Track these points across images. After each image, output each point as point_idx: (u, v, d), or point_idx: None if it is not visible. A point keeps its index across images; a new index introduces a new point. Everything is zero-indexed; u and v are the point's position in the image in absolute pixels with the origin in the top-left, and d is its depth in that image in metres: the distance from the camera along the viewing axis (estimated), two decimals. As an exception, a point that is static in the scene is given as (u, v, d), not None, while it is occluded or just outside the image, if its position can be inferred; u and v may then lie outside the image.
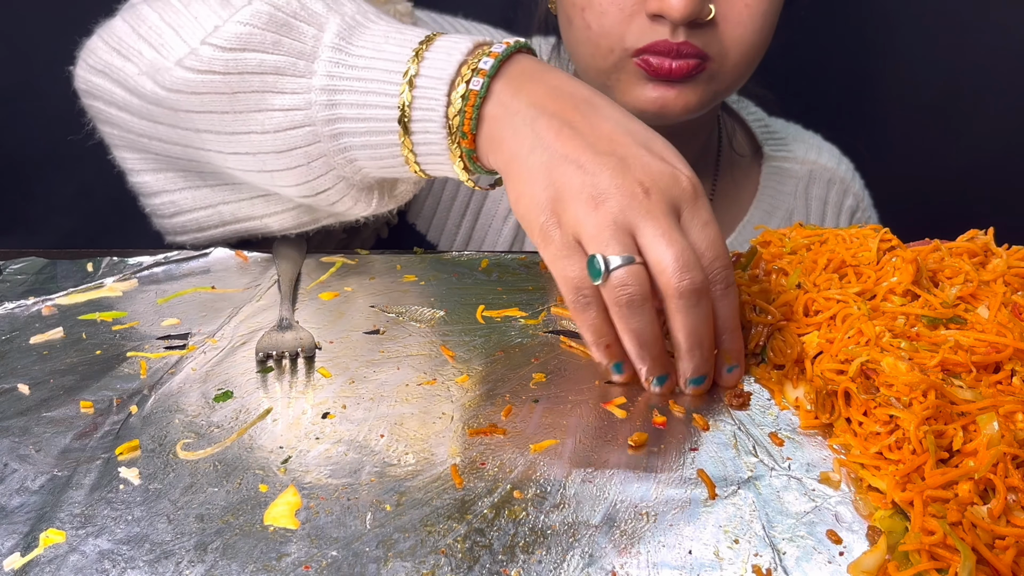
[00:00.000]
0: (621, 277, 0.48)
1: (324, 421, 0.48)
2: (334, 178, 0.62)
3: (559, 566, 0.38)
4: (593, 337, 0.51)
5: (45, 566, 0.38)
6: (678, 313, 0.49)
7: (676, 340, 0.50)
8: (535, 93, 0.55)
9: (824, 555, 0.39)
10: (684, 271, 0.48)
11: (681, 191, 0.51)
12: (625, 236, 0.49)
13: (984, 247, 0.60)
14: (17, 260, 0.67)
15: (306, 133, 0.59)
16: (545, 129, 0.53)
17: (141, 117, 0.64)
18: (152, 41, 0.63)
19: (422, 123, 0.57)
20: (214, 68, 0.59)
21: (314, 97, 0.58)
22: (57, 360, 0.54)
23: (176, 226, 0.71)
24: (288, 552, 0.38)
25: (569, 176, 0.50)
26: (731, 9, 0.73)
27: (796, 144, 1.01)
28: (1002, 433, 0.42)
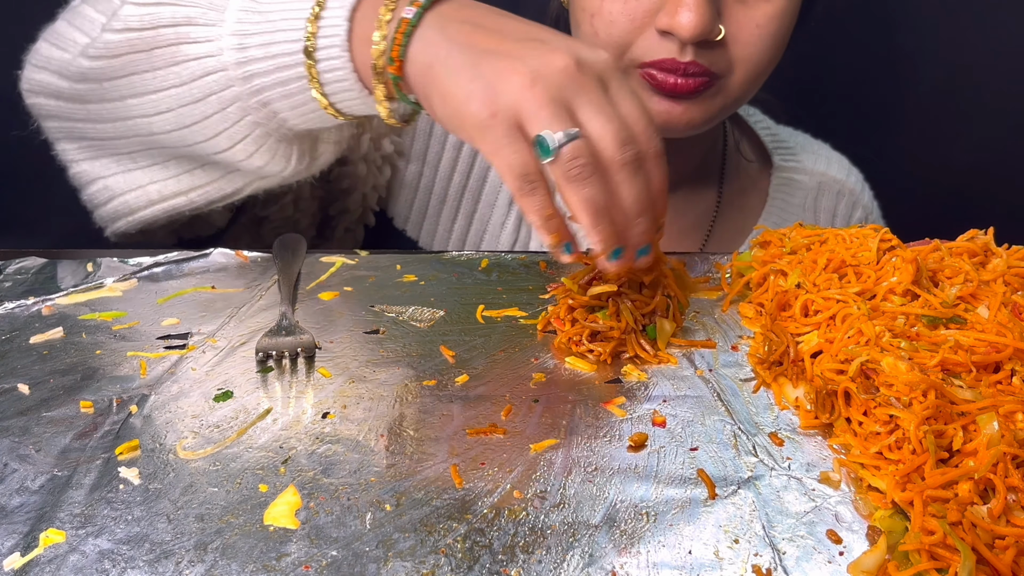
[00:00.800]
0: (571, 151, 0.50)
1: (324, 421, 0.48)
2: (249, 125, 0.63)
3: (559, 566, 0.38)
4: (541, 220, 0.52)
5: (45, 566, 0.38)
6: (624, 182, 0.51)
7: (626, 209, 0.52)
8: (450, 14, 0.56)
9: (824, 555, 0.39)
10: (626, 143, 0.51)
11: (604, 65, 0.53)
12: (565, 112, 0.50)
13: (984, 247, 0.60)
14: (17, 260, 0.67)
15: (219, 78, 0.61)
16: (457, 33, 0.54)
17: (73, 100, 0.67)
18: (83, 27, 0.66)
19: (326, 49, 0.58)
20: (131, 25, 0.62)
21: (224, 43, 0.60)
22: (57, 360, 0.54)
23: (110, 212, 0.73)
24: (288, 552, 0.38)
25: (495, 64, 0.51)
26: (741, 30, 0.73)
27: (805, 155, 1.00)
28: (1002, 433, 0.42)
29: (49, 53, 0.68)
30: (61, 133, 0.71)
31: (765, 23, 0.74)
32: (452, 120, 0.53)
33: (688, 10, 0.68)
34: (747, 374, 0.54)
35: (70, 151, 0.72)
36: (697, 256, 0.72)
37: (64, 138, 0.71)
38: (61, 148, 0.72)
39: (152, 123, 0.65)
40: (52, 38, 0.68)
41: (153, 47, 0.62)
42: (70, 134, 0.71)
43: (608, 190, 0.52)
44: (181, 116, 0.63)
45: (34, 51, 0.69)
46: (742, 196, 0.96)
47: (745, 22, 0.73)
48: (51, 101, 0.69)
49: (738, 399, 0.51)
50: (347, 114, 0.62)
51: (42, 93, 0.69)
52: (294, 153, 0.67)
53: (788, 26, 0.76)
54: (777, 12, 0.74)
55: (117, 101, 0.65)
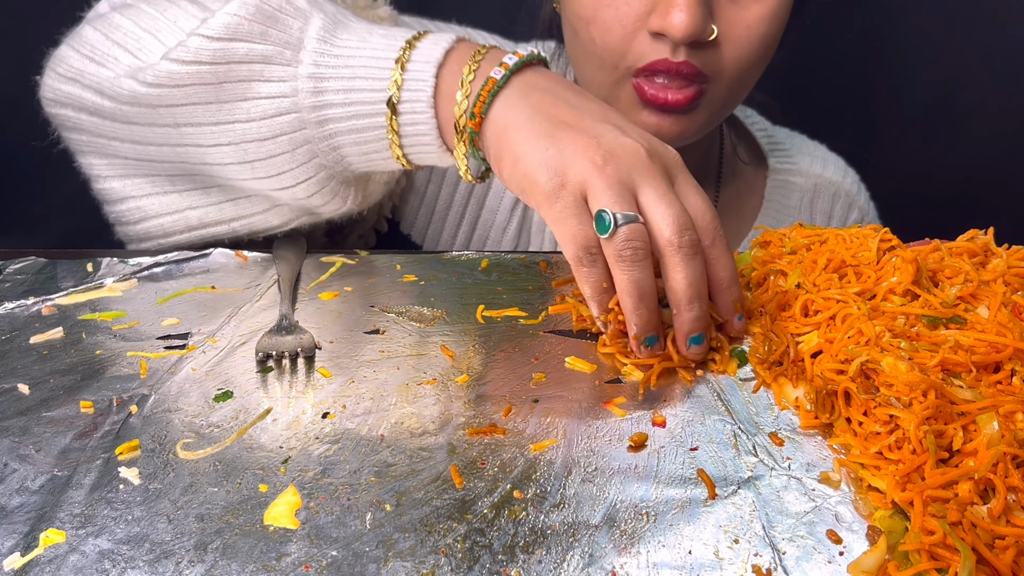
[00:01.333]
0: (627, 232, 0.51)
1: (324, 421, 0.48)
2: (315, 167, 0.63)
3: (559, 566, 0.38)
4: (593, 292, 0.54)
5: (45, 566, 0.38)
6: (677, 267, 0.52)
7: (675, 293, 0.53)
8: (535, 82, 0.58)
9: (824, 555, 0.39)
10: (683, 229, 0.52)
11: (672, 159, 0.56)
12: (629, 195, 0.52)
13: (984, 247, 0.60)
14: (17, 260, 0.67)
15: (292, 120, 0.61)
16: (540, 101, 0.56)
17: (114, 120, 0.65)
18: (129, 46, 0.64)
19: (411, 103, 0.59)
20: (202, 58, 0.60)
21: (301, 84, 0.60)
22: (57, 360, 0.54)
23: (140, 232, 0.71)
24: (288, 552, 0.39)
25: (571, 138, 0.54)
26: (732, 29, 0.73)
27: (801, 156, 1.00)
28: (1002, 433, 0.42)
29: (82, 66, 0.65)
30: (89, 148, 0.69)
31: (756, 24, 0.73)
32: (521, 183, 0.55)
33: (680, 10, 0.68)
34: (747, 374, 0.54)
35: (98, 166, 0.69)
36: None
37: (92, 153, 0.69)
38: (87, 162, 0.70)
39: (207, 153, 0.64)
40: (84, 49, 0.65)
41: (223, 81, 0.61)
42: (101, 150, 0.68)
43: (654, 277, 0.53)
44: (244, 151, 0.63)
45: (59, 59, 0.66)
46: (738, 199, 0.96)
47: (736, 22, 0.73)
48: (82, 115, 0.66)
49: (738, 399, 0.51)
50: (417, 164, 0.63)
51: (71, 106, 0.67)
52: (351, 193, 0.67)
53: (778, 29, 0.76)
54: (768, 13, 0.74)
55: (170, 128, 0.63)
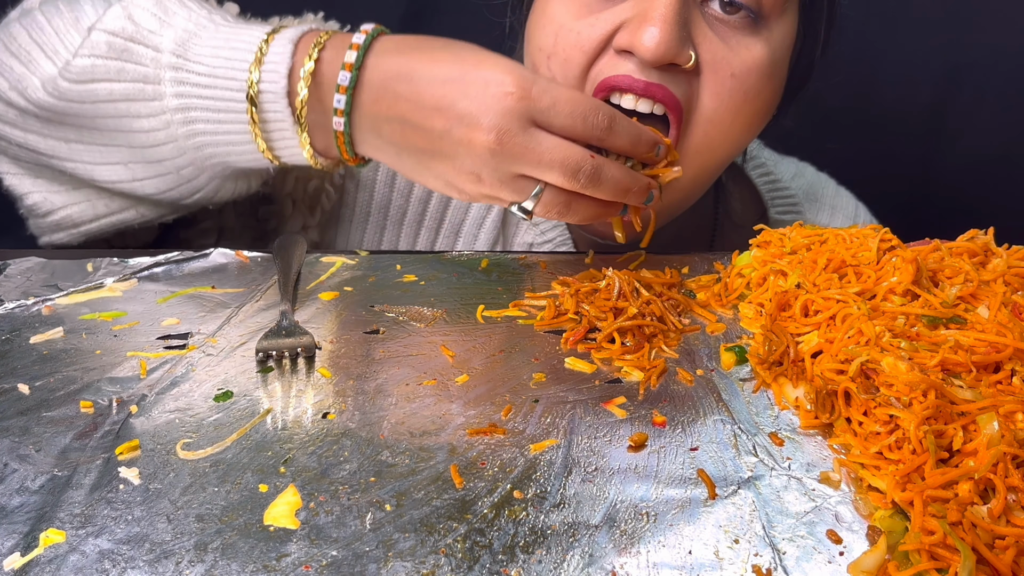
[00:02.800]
0: (543, 207, 0.58)
1: (324, 421, 0.48)
2: (207, 179, 0.67)
3: (559, 566, 0.38)
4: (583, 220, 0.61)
5: (45, 566, 0.38)
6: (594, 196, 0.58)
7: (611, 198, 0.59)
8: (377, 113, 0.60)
9: (824, 555, 0.39)
10: (574, 175, 0.56)
11: (514, 105, 0.54)
12: (519, 181, 0.57)
13: (984, 247, 0.60)
14: (17, 260, 0.67)
15: (171, 148, 0.64)
16: (391, 134, 0.59)
17: (13, 127, 0.66)
18: (21, 57, 0.65)
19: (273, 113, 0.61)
20: (71, 98, 0.63)
21: (170, 117, 0.62)
22: (57, 360, 0.54)
23: (51, 224, 0.72)
24: (288, 552, 0.38)
25: (439, 168, 0.58)
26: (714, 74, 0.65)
27: (807, 205, 0.93)
28: (1002, 433, 0.42)
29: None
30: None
31: (742, 73, 0.65)
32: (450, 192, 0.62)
33: (653, 25, 0.61)
34: (747, 374, 0.54)
35: (3, 163, 0.70)
36: (697, 257, 0.72)
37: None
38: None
39: (95, 171, 0.67)
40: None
41: (96, 116, 0.63)
42: (3, 151, 0.69)
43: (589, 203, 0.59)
44: (132, 171, 0.66)
45: None
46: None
47: (720, 67, 0.65)
48: None
49: (738, 399, 0.51)
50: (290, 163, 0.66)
51: None
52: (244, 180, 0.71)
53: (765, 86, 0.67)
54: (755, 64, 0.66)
55: (61, 143, 0.66)
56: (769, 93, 0.69)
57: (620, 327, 0.57)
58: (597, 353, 0.56)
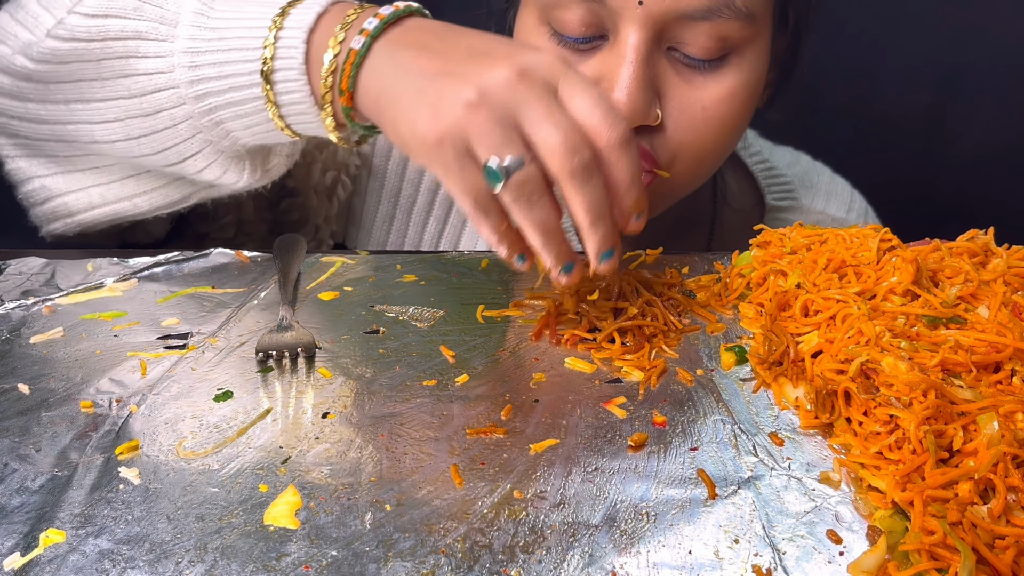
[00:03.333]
0: (519, 178, 0.49)
1: (324, 421, 0.48)
2: (201, 142, 0.62)
3: (559, 566, 0.38)
4: (497, 238, 0.52)
5: (45, 566, 0.38)
6: (573, 192, 0.50)
7: (577, 220, 0.51)
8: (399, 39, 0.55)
9: (824, 555, 0.39)
10: (571, 152, 0.49)
11: (549, 67, 0.51)
12: (511, 131, 0.49)
13: (984, 247, 0.60)
14: (17, 260, 0.67)
15: (171, 95, 0.60)
16: (404, 58, 0.53)
17: (12, 97, 0.65)
18: (27, 22, 0.64)
19: (284, 72, 0.57)
20: (78, 35, 0.60)
21: (177, 60, 0.59)
22: (57, 360, 0.54)
23: (47, 213, 0.71)
24: (288, 552, 0.38)
25: (439, 87, 0.50)
26: (683, 114, 0.65)
27: (803, 191, 0.93)
28: (1002, 433, 0.42)
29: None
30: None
31: (712, 105, 0.65)
32: (403, 146, 0.53)
33: (619, 93, 0.61)
34: (747, 374, 0.54)
35: (5, 146, 0.70)
36: (697, 256, 0.72)
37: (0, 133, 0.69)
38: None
39: (95, 131, 0.64)
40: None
41: (101, 58, 0.61)
42: (3, 129, 0.68)
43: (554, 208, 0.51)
44: (129, 127, 0.63)
45: None
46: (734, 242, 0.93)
47: (688, 104, 0.65)
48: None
49: (738, 399, 0.51)
50: (302, 134, 0.62)
51: None
52: (246, 167, 0.66)
53: (740, 109, 0.67)
54: (726, 94, 0.65)
55: (60, 104, 0.64)
56: (747, 107, 0.69)
57: (620, 327, 0.57)
58: (597, 353, 0.56)
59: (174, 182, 0.68)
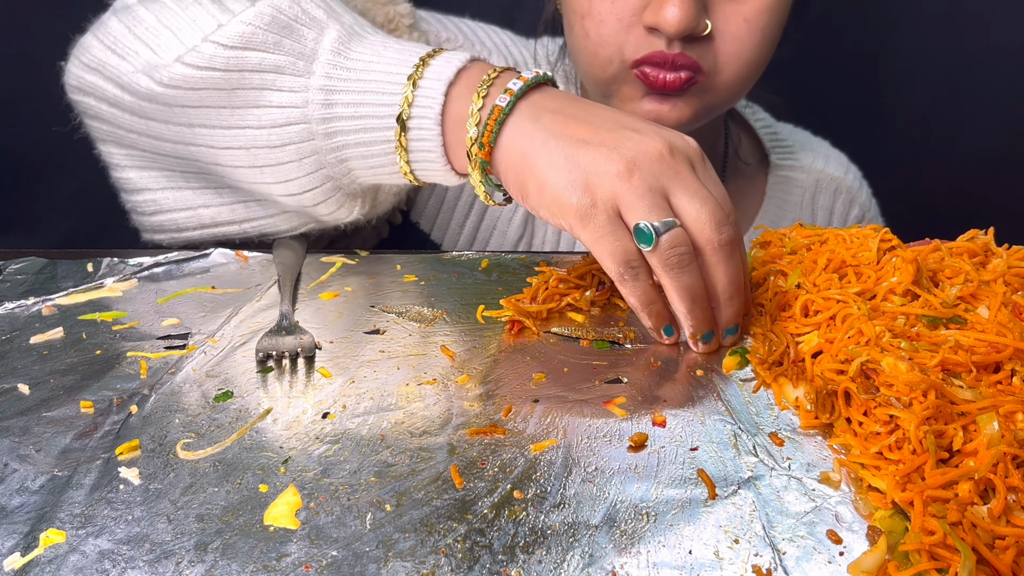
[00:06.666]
0: (671, 240, 0.52)
1: (324, 421, 0.48)
2: (322, 178, 0.63)
3: (559, 566, 0.38)
4: (644, 305, 0.55)
5: (45, 566, 0.38)
6: (719, 264, 0.53)
7: (718, 290, 0.54)
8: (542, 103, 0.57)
9: (824, 555, 0.39)
10: (722, 225, 0.53)
11: (694, 150, 0.55)
12: (662, 200, 0.52)
13: (984, 247, 0.60)
14: (17, 260, 0.67)
15: (301, 130, 0.61)
16: (551, 123, 0.55)
17: (132, 113, 0.65)
18: (149, 41, 0.64)
19: (420, 119, 0.58)
20: (215, 65, 0.61)
21: (311, 96, 0.60)
22: (57, 360, 0.54)
23: (154, 224, 0.72)
24: (288, 552, 0.39)
25: (592, 155, 0.53)
26: (728, 24, 0.73)
27: (803, 152, 1.00)
28: (1002, 433, 0.42)
29: (104, 57, 0.65)
30: (109, 137, 0.69)
31: (753, 17, 0.73)
32: (551, 208, 0.54)
33: (673, 5, 0.69)
34: (747, 374, 0.54)
35: (116, 155, 0.70)
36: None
37: (111, 142, 0.70)
38: (106, 150, 0.71)
39: (219, 155, 0.64)
40: (107, 40, 0.66)
41: (235, 88, 0.61)
42: (120, 140, 0.69)
43: (702, 276, 0.54)
44: (254, 156, 0.63)
45: (83, 47, 0.67)
46: (740, 197, 0.96)
47: (732, 16, 0.73)
48: (102, 105, 0.67)
49: (738, 399, 0.51)
50: (424, 181, 0.63)
51: (93, 95, 0.67)
52: (358, 204, 0.67)
53: (778, 20, 0.76)
54: (766, 6, 0.73)
55: (184, 127, 0.64)
56: (780, 21, 0.76)
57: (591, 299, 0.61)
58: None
59: (284, 214, 0.69)
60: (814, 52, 0.99)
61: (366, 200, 0.68)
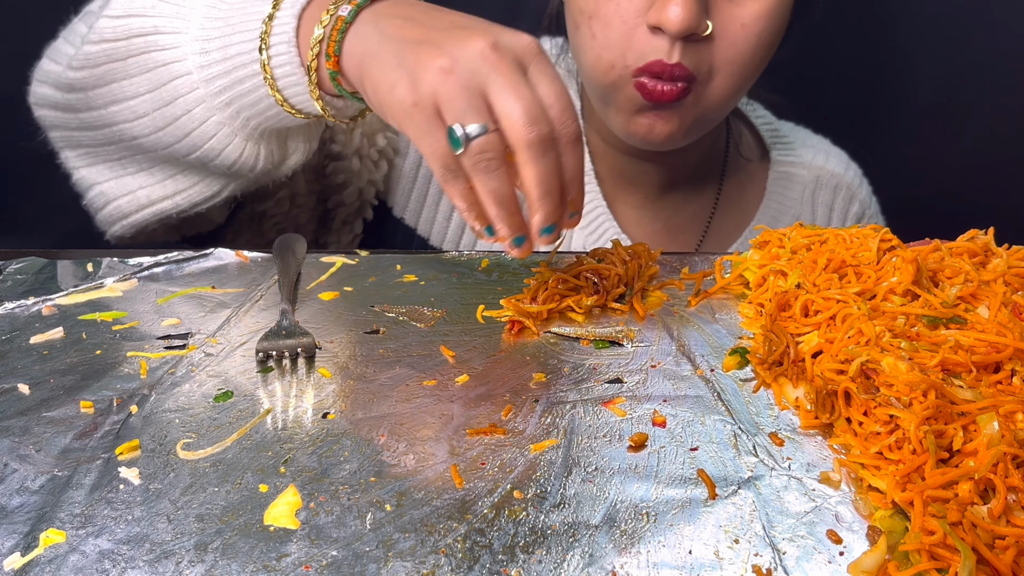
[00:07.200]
0: (479, 145, 0.52)
1: (324, 421, 0.48)
2: (215, 125, 0.66)
3: (559, 566, 0.38)
4: (465, 204, 0.55)
5: (45, 566, 0.38)
6: (528, 164, 0.52)
7: (527, 190, 0.54)
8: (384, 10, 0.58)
9: (824, 555, 0.39)
10: (532, 124, 0.52)
11: (525, 47, 0.54)
12: (478, 99, 0.52)
13: (984, 247, 0.60)
14: (17, 260, 0.67)
15: (184, 82, 0.64)
16: (388, 26, 0.57)
17: (66, 110, 0.70)
18: (70, 39, 0.70)
19: (277, 46, 0.61)
20: (106, 36, 0.65)
21: (189, 48, 0.63)
22: (57, 360, 0.54)
23: (106, 217, 0.75)
24: (288, 552, 0.39)
25: (419, 54, 0.53)
26: (726, 28, 0.74)
27: (804, 149, 1.01)
28: (1002, 433, 0.42)
29: (48, 67, 0.71)
30: (63, 142, 0.74)
31: (751, 22, 0.74)
32: (381, 108, 0.56)
33: (676, 4, 0.70)
34: (747, 374, 0.54)
35: (71, 159, 0.75)
36: (697, 256, 0.72)
37: (66, 146, 0.74)
38: (64, 156, 0.75)
39: (132, 128, 0.68)
40: (52, 54, 0.72)
41: (127, 56, 0.65)
42: (69, 142, 0.74)
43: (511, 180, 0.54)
44: (155, 119, 0.67)
45: (38, 67, 0.73)
46: (740, 193, 0.97)
47: (731, 20, 0.73)
48: (51, 112, 0.72)
49: (738, 399, 0.51)
50: (305, 112, 0.65)
51: (44, 105, 0.73)
52: (261, 152, 0.69)
53: (775, 28, 0.76)
54: (764, 12, 0.74)
55: (101, 109, 0.68)
56: (779, 28, 0.77)
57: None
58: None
59: (205, 179, 0.72)
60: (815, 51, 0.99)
61: (270, 149, 0.70)
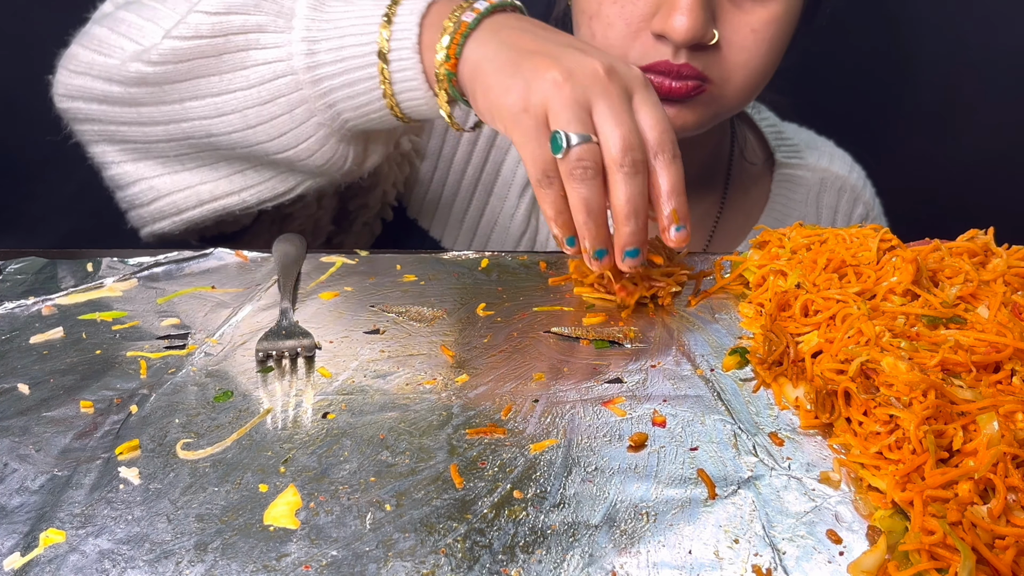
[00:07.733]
0: (578, 152, 0.54)
1: (324, 421, 0.48)
2: (314, 126, 0.66)
3: (559, 566, 0.38)
4: (553, 212, 0.57)
5: (45, 566, 0.38)
6: (618, 184, 0.55)
7: (614, 208, 0.56)
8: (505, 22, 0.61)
9: (824, 555, 0.39)
10: (628, 149, 0.54)
11: (634, 77, 0.57)
12: (584, 114, 0.55)
13: (984, 247, 0.60)
14: (17, 260, 0.67)
15: (288, 82, 0.64)
16: (507, 36, 0.59)
17: (123, 104, 0.69)
18: (132, 35, 0.68)
19: (398, 51, 0.62)
20: (202, 32, 0.64)
21: (295, 48, 0.63)
22: (57, 360, 0.54)
23: (154, 212, 0.74)
24: (288, 552, 0.39)
25: (536, 63, 0.56)
26: (736, 34, 0.73)
27: (808, 151, 1.01)
28: (1002, 433, 0.42)
29: (90, 59, 0.69)
30: (100, 136, 0.72)
31: (761, 28, 0.74)
32: (490, 111, 0.58)
33: (682, 13, 0.69)
34: (747, 374, 0.54)
35: (109, 153, 0.73)
36: (698, 256, 0.72)
37: (103, 141, 0.73)
38: (99, 151, 0.73)
39: (212, 125, 0.67)
40: (92, 44, 0.69)
41: (222, 52, 0.65)
42: (111, 137, 0.72)
43: (603, 194, 0.56)
44: (247, 117, 0.66)
45: (69, 56, 0.71)
46: (745, 196, 0.97)
47: (740, 27, 0.73)
48: (93, 105, 0.70)
49: (738, 399, 0.51)
50: (410, 117, 0.65)
51: (81, 98, 0.70)
52: (351, 154, 0.70)
53: (785, 32, 0.76)
54: (773, 17, 0.74)
55: (175, 104, 0.67)
56: (787, 33, 0.77)
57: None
58: None
59: (279, 175, 0.72)
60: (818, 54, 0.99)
61: (357, 148, 0.70)
